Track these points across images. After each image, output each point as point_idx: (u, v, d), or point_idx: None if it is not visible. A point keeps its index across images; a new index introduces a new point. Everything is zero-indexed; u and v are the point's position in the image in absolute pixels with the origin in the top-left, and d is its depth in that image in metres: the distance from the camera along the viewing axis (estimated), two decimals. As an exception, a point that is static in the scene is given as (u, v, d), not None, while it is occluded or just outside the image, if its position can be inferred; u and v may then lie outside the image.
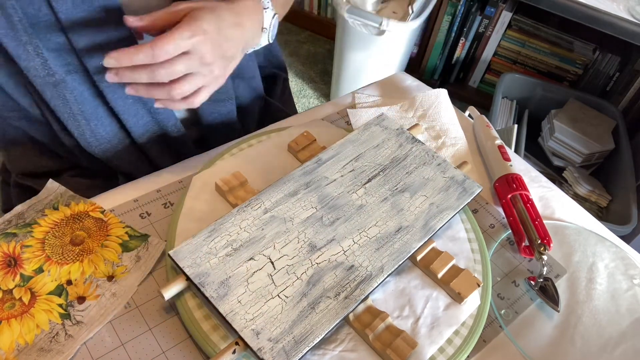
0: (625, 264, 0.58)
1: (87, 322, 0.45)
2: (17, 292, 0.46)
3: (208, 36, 0.49)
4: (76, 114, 0.57)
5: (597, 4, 1.29)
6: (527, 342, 0.50)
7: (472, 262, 0.54)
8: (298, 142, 0.62)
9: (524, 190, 0.60)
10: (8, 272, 0.47)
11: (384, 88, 0.77)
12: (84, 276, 0.48)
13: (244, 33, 0.55)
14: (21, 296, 0.46)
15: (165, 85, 0.49)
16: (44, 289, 0.47)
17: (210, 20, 0.49)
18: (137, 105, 0.59)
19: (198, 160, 0.62)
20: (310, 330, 0.44)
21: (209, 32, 0.49)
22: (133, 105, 0.59)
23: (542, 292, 0.53)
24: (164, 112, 0.62)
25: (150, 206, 0.56)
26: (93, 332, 0.45)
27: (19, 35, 0.49)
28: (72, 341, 0.44)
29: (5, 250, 0.48)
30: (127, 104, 0.58)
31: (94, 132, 0.59)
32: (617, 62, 1.55)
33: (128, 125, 0.60)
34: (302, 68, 2.09)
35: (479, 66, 1.84)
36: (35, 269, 0.48)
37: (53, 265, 0.48)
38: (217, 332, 0.45)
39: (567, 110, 1.49)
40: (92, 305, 0.47)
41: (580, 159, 1.42)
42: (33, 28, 0.50)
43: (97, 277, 0.49)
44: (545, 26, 1.64)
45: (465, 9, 1.71)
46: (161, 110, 0.62)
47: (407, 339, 0.45)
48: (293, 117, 0.72)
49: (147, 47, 0.45)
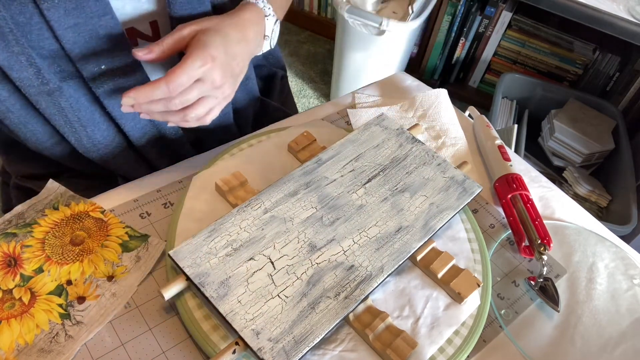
0: (625, 264, 0.58)
1: (87, 323, 0.46)
2: (17, 292, 0.46)
3: (217, 62, 0.49)
4: (72, 121, 0.56)
5: (597, 4, 1.29)
6: (527, 342, 0.50)
7: (472, 262, 0.54)
8: (298, 142, 0.62)
9: (524, 190, 0.60)
10: (8, 272, 0.47)
11: (384, 88, 0.77)
12: (84, 276, 0.48)
13: (249, 46, 0.55)
14: (21, 296, 0.46)
15: (180, 110, 0.50)
16: (43, 289, 0.47)
17: (218, 45, 0.50)
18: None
19: (198, 161, 0.62)
20: (310, 330, 0.44)
21: (218, 57, 0.49)
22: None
23: (542, 292, 0.53)
24: None
25: (150, 206, 0.56)
26: (93, 332, 0.45)
27: (11, 46, 0.49)
28: (72, 342, 0.44)
29: (5, 250, 0.48)
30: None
31: (91, 137, 0.59)
32: (617, 62, 1.55)
33: (126, 129, 0.60)
34: (302, 68, 2.09)
35: (479, 66, 1.84)
36: (35, 269, 0.48)
37: (53, 265, 0.48)
38: (217, 332, 0.45)
39: (567, 110, 1.49)
40: (92, 305, 0.47)
41: (580, 159, 1.42)
42: (25, 37, 0.49)
43: (97, 277, 0.49)
44: (545, 26, 1.64)
45: (465, 9, 1.71)
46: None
47: (407, 339, 0.45)
48: (293, 117, 0.72)
49: (162, 83, 0.46)
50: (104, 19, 0.51)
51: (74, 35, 0.51)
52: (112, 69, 0.55)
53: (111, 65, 0.55)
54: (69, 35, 0.50)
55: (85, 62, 0.53)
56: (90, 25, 0.51)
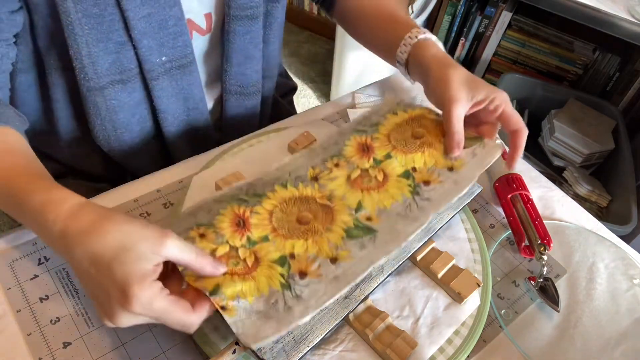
0: (625, 264, 0.58)
1: (306, 299, 0.43)
2: (243, 252, 0.45)
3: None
4: (106, 122, 0.58)
5: (597, 4, 1.29)
6: (527, 342, 0.49)
7: (472, 262, 0.54)
8: (298, 142, 0.62)
9: (524, 190, 0.60)
10: (236, 231, 0.47)
11: (384, 88, 0.77)
12: (306, 253, 0.47)
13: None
14: (246, 257, 0.45)
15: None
16: (268, 256, 0.46)
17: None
18: (178, 103, 0.62)
19: (198, 160, 0.62)
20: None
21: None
22: (174, 104, 0.62)
23: (542, 292, 0.53)
24: (198, 109, 0.65)
25: (150, 206, 0.56)
26: (309, 315, 0.42)
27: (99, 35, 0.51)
28: (290, 314, 0.42)
29: (236, 211, 0.48)
30: (170, 102, 0.61)
31: (119, 138, 0.61)
32: (617, 62, 1.55)
33: (164, 124, 0.62)
34: (302, 68, 2.09)
35: (479, 66, 1.83)
36: (261, 236, 0.47)
37: (279, 237, 0.47)
38: (217, 332, 0.45)
39: (567, 110, 1.49)
40: (313, 282, 0.45)
41: (580, 159, 1.42)
42: (94, 29, 0.51)
43: (320, 257, 0.46)
44: (545, 26, 1.64)
45: (465, 9, 1.71)
46: (196, 106, 0.64)
47: (407, 339, 0.45)
48: (293, 117, 0.72)
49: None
50: (173, 10, 0.54)
51: (145, 25, 0.52)
52: (171, 59, 0.57)
53: (171, 56, 0.57)
54: (140, 26, 0.52)
55: (149, 52, 0.55)
56: (161, 16, 0.53)
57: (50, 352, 0.44)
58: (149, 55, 0.55)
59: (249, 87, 0.68)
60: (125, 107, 0.58)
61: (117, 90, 0.56)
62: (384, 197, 0.51)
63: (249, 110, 0.71)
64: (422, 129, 0.57)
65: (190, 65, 0.59)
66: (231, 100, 0.68)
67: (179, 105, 0.62)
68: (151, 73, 0.56)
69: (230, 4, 0.58)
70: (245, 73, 0.66)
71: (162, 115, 0.61)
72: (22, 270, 0.49)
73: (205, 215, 0.47)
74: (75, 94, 0.57)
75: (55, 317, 0.46)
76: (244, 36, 0.62)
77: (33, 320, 0.46)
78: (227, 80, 0.65)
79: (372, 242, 0.47)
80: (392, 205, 0.50)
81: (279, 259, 0.45)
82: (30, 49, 0.55)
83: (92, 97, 0.55)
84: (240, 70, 0.65)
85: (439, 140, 0.56)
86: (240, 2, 0.59)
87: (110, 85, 0.55)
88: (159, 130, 0.64)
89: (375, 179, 0.52)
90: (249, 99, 0.69)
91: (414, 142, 0.56)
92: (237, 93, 0.67)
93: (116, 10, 0.50)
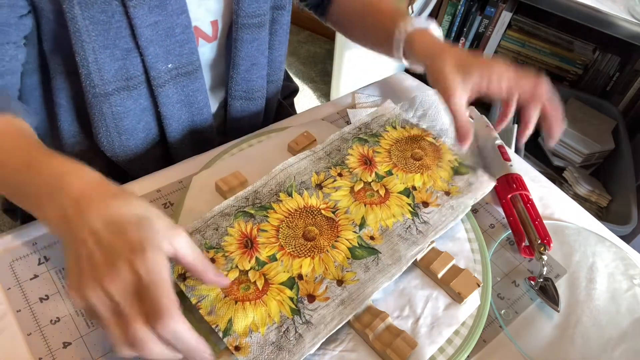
0: (625, 264, 0.58)
1: (315, 324, 0.44)
2: (253, 275, 0.46)
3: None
4: (110, 127, 0.58)
5: (597, 4, 1.29)
6: (527, 342, 0.49)
7: (472, 262, 0.54)
8: (298, 142, 0.62)
9: (524, 190, 0.60)
10: (245, 253, 0.47)
11: (384, 88, 0.77)
12: (314, 274, 0.47)
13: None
14: (256, 280, 0.45)
15: None
16: (276, 278, 0.46)
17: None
18: (182, 109, 0.62)
19: (198, 160, 0.62)
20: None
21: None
22: (179, 110, 0.62)
23: (542, 292, 0.53)
24: (202, 114, 0.65)
25: (150, 206, 0.56)
26: (320, 340, 0.42)
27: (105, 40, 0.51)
28: (302, 343, 0.42)
29: (243, 230, 0.49)
30: (175, 108, 0.61)
31: (123, 144, 0.61)
32: (617, 62, 1.55)
33: (168, 130, 0.62)
34: (302, 68, 2.09)
35: (479, 66, 1.83)
36: (269, 255, 0.47)
37: (286, 256, 0.48)
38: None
39: (567, 110, 1.49)
40: (321, 307, 0.45)
41: (580, 159, 1.42)
42: (101, 36, 0.51)
43: (327, 279, 0.47)
44: (545, 26, 1.64)
45: (465, 9, 1.71)
46: (200, 111, 0.64)
47: (407, 339, 0.45)
48: (293, 117, 0.72)
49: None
50: (181, 18, 0.54)
51: (152, 32, 0.52)
52: (177, 67, 0.57)
53: (177, 64, 0.57)
54: (147, 33, 0.52)
55: (156, 60, 0.55)
56: (169, 23, 0.53)
57: (50, 352, 0.44)
58: (155, 62, 0.55)
59: (254, 93, 0.68)
60: (131, 114, 0.58)
61: (123, 97, 0.56)
62: (386, 215, 0.53)
63: (253, 114, 0.71)
64: (420, 151, 0.60)
65: (196, 72, 0.59)
66: (235, 106, 0.68)
67: (184, 112, 0.62)
68: (157, 80, 0.56)
69: (239, 12, 0.58)
70: (251, 79, 0.66)
71: (167, 122, 0.61)
72: (22, 270, 0.49)
73: (214, 235, 0.48)
74: (79, 98, 0.57)
75: (55, 317, 0.46)
76: (250, 44, 0.62)
77: (33, 320, 0.46)
78: (233, 87, 0.66)
79: (375, 264, 0.48)
80: (393, 225, 0.52)
81: (287, 280, 0.46)
82: (36, 52, 0.55)
83: (98, 104, 0.55)
84: (246, 76, 0.65)
85: (436, 164, 0.59)
86: (248, 11, 0.59)
87: (116, 92, 0.55)
88: (163, 136, 0.64)
89: (377, 194, 0.55)
90: (253, 103, 0.70)
91: (413, 163, 0.59)
92: (242, 98, 0.68)
93: (123, 17, 0.50)
